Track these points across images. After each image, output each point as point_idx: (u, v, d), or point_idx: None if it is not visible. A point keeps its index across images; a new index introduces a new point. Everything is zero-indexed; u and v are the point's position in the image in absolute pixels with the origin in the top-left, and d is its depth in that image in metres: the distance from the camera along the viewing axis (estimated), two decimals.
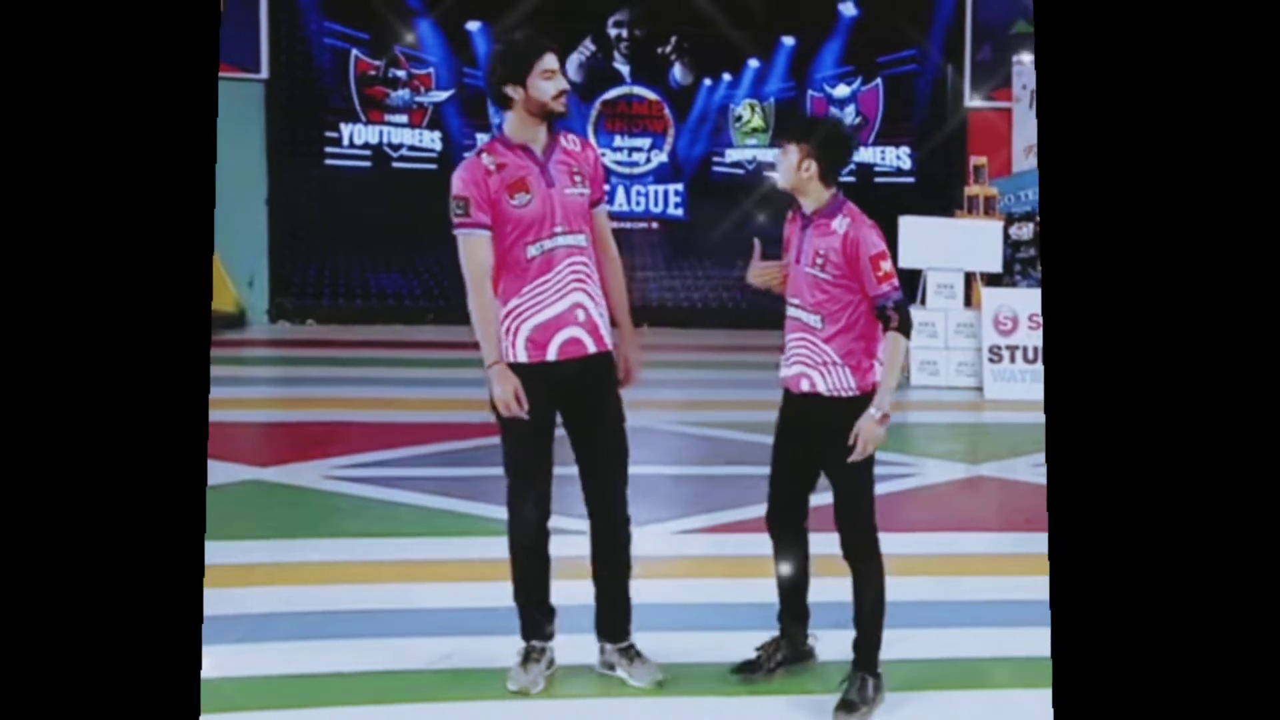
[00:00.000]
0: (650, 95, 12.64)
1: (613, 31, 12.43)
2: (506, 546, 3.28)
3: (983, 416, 8.16)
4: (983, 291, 8.97)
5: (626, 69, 12.55)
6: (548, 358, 3.12)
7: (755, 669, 3.24)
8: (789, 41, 12.67)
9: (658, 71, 12.62)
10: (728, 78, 12.74)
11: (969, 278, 9.13)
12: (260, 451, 6.15)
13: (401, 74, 12.11)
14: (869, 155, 12.73)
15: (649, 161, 12.61)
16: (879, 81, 12.87)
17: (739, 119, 12.88)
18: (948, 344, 8.87)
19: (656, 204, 12.63)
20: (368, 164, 12.01)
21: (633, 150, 12.51)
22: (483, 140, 12.35)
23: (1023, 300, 8.81)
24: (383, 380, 8.78)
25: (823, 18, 12.56)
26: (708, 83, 12.72)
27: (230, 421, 6.45)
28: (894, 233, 8.42)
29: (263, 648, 3.44)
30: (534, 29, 3.42)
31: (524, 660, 3.24)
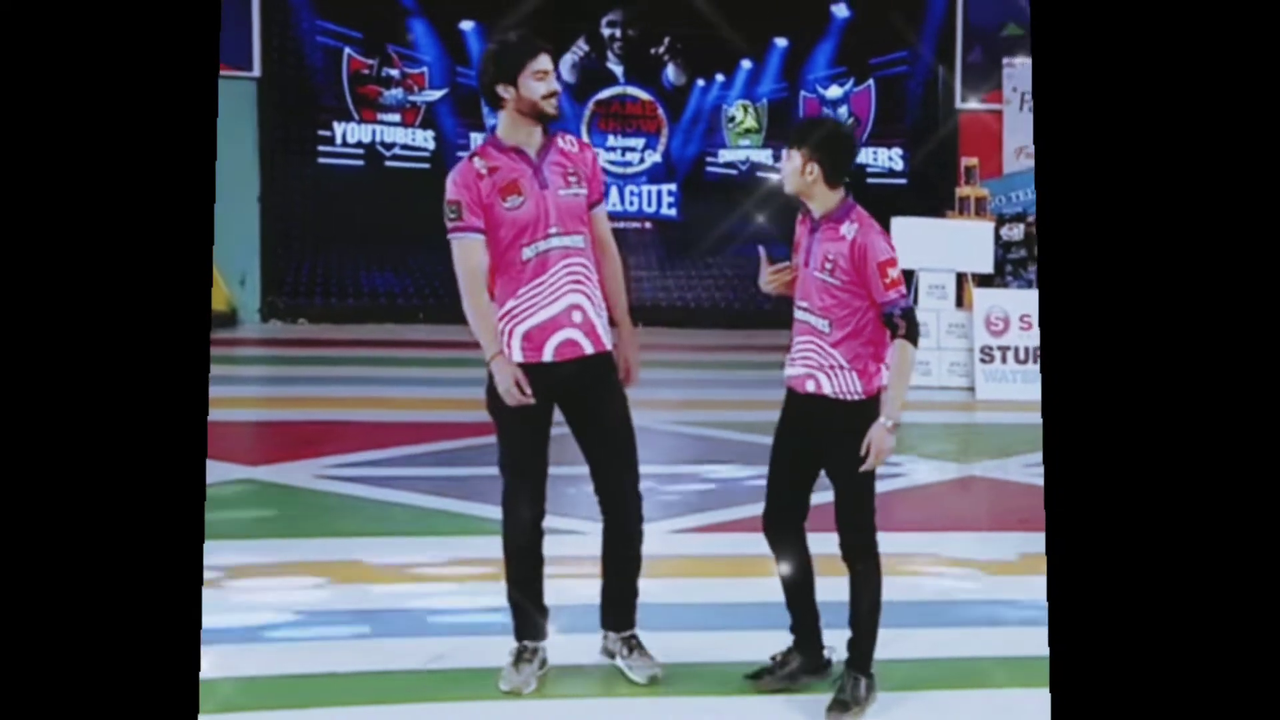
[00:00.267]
0: (644, 95, 12.64)
1: (606, 32, 12.43)
2: (499, 546, 3.28)
3: (974, 416, 8.19)
4: (974, 292, 9.01)
5: (620, 69, 12.56)
6: (544, 358, 3.12)
7: (767, 675, 3.20)
8: (781, 42, 12.69)
9: (651, 72, 12.62)
10: (721, 78, 12.75)
11: (960, 278, 9.17)
12: (252, 450, 6.13)
13: (394, 73, 12.09)
14: (861, 156, 12.73)
15: (642, 161, 12.62)
16: (871, 83, 12.90)
17: (732, 119, 12.90)
18: (939, 344, 8.90)
19: (650, 204, 12.64)
20: (360, 163, 11.98)
21: (626, 150, 12.50)
22: (476, 140, 12.37)
23: (1014, 301, 8.84)
24: (375, 379, 8.76)
25: (815, 19, 12.59)
26: (701, 83, 12.73)
27: (222, 420, 6.42)
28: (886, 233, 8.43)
29: (256, 648, 3.43)
30: (529, 30, 3.42)
31: (516, 660, 3.24)
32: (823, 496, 3.17)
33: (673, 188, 12.67)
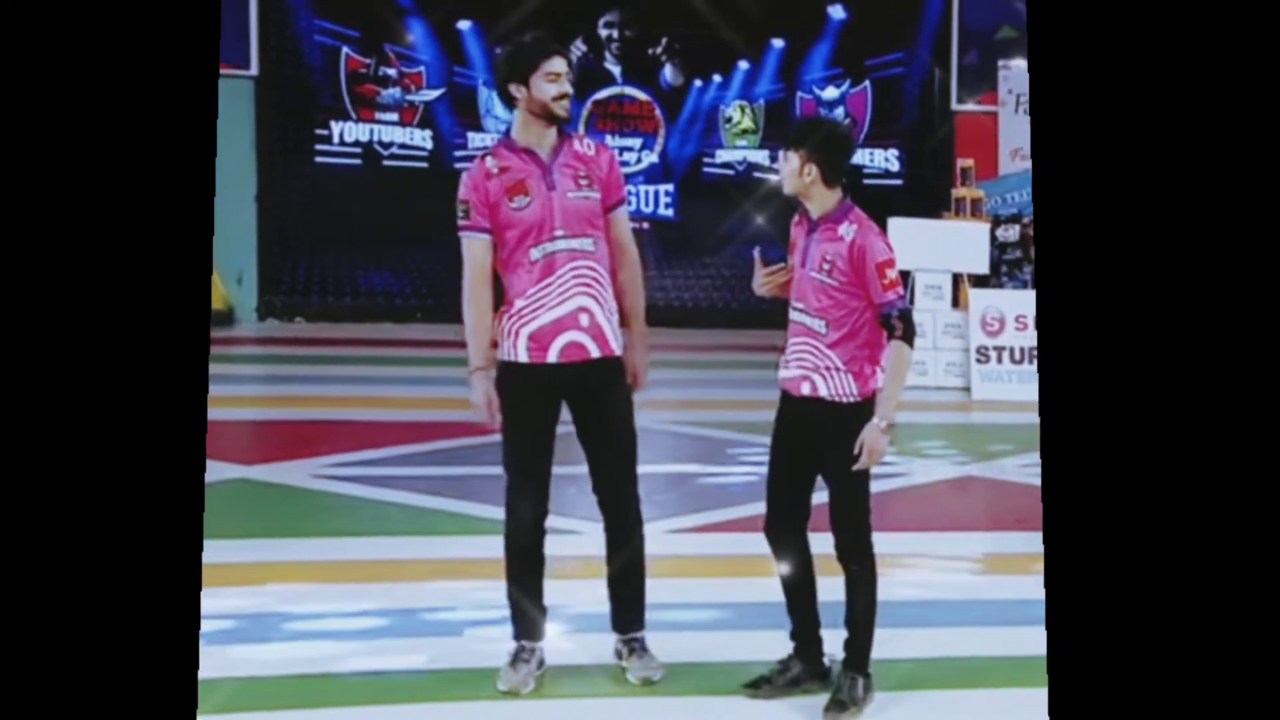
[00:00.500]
0: (641, 96, 12.65)
1: (604, 32, 12.43)
2: (497, 546, 3.28)
3: (970, 416, 8.21)
4: (970, 293, 9.03)
5: (617, 69, 12.56)
6: (549, 359, 3.13)
7: (765, 685, 3.18)
8: (778, 43, 12.71)
9: (648, 72, 12.63)
10: (718, 79, 12.77)
11: (956, 279, 9.19)
12: (248, 450, 6.12)
13: (392, 72, 12.09)
14: (858, 157, 12.76)
15: (640, 162, 12.62)
16: (867, 84, 12.92)
17: (729, 120, 12.91)
18: (936, 344, 8.92)
19: (647, 204, 12.64)
20: (358, 162, 11.98)
21: (623, 150, 12.49)
22: (474, 139, 12.39)
23: (1009, 301, 8.87)
24: (372, 379, 8.76)
25: (812, 20, 12.61)
26: (698, 84, 12.74)
27: (218, 419, 6.41)
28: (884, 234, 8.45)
29: (254, 648, 3.43)
30: (546, 32, 3.44)
31: (514, 660, 3.24)
32: (818, 497, 3.18)
33: (670, 188, 12.68)
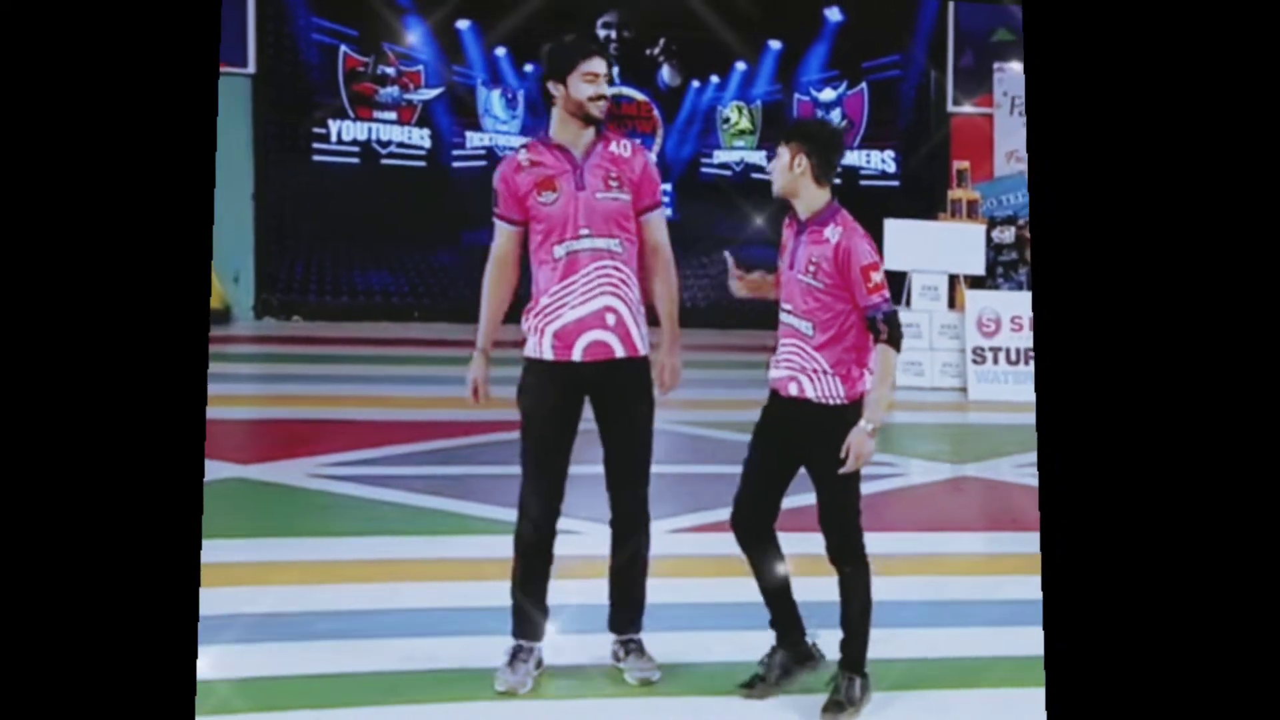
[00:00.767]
0: (639, 96, 12.67)
1: (602, 33, 12.43)
2: (494, 545, 3.29)
3: (967, 417, 8.22)
4: (966, 294, 9.06)
5: (615, 70, 12.57)
6: (573, 358, 3.16)
7: (760, 683, 3.19)
8: (775, 45, 12.72)
9: (646, 73, 12.65)
10: (715, 80, 12.79)
11: (952, 280, 9.21)
12: (244, 449, 6.12)
13: (390, 71, 12.08)
14: (854, 159, 12.79)
15: None
16: (864, 86, 12.95)
17: (726, 121, 12.93)
18: (932, 345, 8.94)
19: None
20: (356, 160, 11.98)
21: None
22: (472, 138, 12.39)
23: (1005, 302, 8.90)
24: (369, 378, 8.75)
25: (808, 22, 12.63)
26: (696, 84, 12.76)
27: (214, 418, 6.40)
28: (879, 235, 8.48)
29: (253, 648, 3.42)
30: (590, 32, 3.51)
31: (512, 660, 3.24)
32: (809, 498, 3.18)
33: (667, 188, 12.69)
